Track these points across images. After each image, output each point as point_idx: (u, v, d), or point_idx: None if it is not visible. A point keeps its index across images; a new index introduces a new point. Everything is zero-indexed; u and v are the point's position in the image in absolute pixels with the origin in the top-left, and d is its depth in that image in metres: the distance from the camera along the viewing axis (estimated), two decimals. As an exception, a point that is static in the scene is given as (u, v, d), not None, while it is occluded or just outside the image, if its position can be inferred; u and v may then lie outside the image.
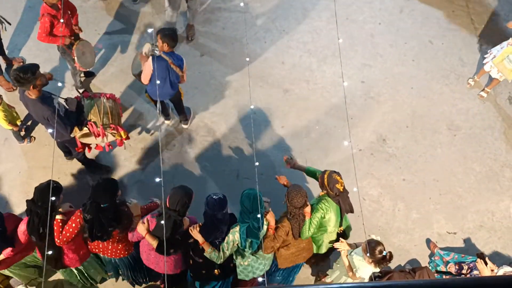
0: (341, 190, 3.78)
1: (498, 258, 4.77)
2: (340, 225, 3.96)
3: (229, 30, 6.16)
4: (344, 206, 3.86)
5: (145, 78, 4.46)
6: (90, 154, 4.97)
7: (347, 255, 3.82)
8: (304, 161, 5.23)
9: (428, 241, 4.89)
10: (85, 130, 4.04)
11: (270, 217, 3.69)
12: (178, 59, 4.48)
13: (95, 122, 4.00)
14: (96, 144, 4.47)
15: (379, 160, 5.32)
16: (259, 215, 3.51)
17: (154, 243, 3.58)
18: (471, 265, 4.22)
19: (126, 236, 3.80)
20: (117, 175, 5.08)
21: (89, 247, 3.92)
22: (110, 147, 4.41)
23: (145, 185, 5.04)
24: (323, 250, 4.10)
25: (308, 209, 3.75)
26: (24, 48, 5.87)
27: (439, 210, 5.07)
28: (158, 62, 4.34)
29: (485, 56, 5.58)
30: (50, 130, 3.99)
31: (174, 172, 5.11)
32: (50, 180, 3.51)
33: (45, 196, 3.39)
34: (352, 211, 3.92)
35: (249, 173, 5.03)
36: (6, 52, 5.67)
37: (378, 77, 5.88)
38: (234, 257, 3.82)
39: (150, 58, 4.32)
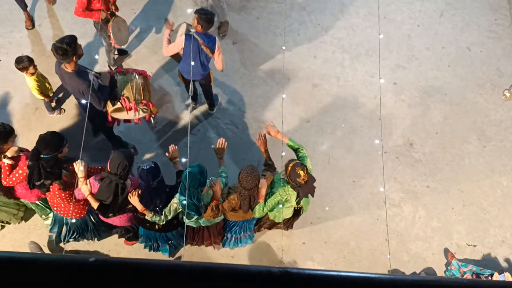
0: (303, 183, 3.69)
1: (517, 276, 4.64)
2: (298, 203, 3.96)
3: (263, 20, 6.12)
4: (304, 194, 3.80)
5: (169, 51, 4.51)
6: (116, 132, 5.04)
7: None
8: (327, 158, 5.21)
9: (446, 251, 4.79)
10: (118, 105, 4.10)
11: (217, 189, 3.73)
12: (210, 40, 4.47)
13: (128, 97, 4.06)
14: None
15: (404, 164, 5.22)
16: (195, 193, 3.62)
17: (95, 205, 3.68)
18: (489, 278, 4.13)
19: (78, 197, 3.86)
20: (141, 155, 5.14)
21: (48, 199, 4.03)
22: (139, 121, 4.48)
23: (168, 165, 5.07)
24: (279, 220, 4.18)
25: (263, 192, 3.76)
26: (61, 21, 5.96)
27: (460, 221, 4.95)
28: (189, 41, 4.36)
29: (525, 67, 5.40)
30: (83, 102, 4.05)
31: (196, 156, 5.13)
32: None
33: None
34: (312, 195, 3.86)
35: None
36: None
37: (412, 80, 5.75)
38: (180, 216, 3.95)
39: (183, 35, 4.36)
